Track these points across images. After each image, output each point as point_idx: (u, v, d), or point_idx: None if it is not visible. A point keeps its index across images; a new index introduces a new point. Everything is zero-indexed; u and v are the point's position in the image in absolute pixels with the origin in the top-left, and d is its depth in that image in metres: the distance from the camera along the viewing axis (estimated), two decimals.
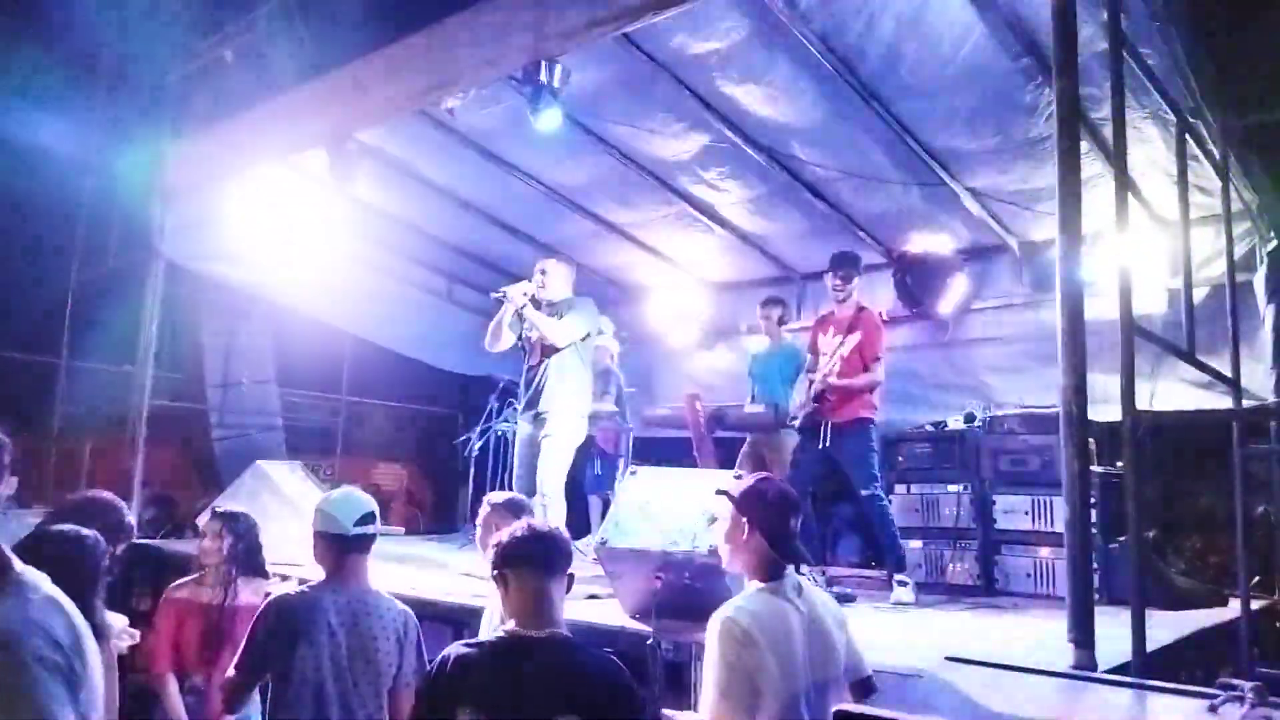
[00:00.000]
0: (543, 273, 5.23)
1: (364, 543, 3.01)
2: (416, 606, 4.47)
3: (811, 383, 5.10)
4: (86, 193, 7.86)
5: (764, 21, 4.63)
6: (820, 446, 5.00)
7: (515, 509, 3.30)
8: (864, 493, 4.92)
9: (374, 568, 3.13)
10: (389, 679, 2.96)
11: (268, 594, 3.26)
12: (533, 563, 2.26)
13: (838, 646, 2.50)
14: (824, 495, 5.54)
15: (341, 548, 2.97)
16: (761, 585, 2.48)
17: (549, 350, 5.15)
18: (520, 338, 5.28)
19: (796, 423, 5.16)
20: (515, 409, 7.70)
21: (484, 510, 3.39)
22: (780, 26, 4.61)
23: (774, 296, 6.46)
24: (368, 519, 3.01)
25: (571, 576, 2.35)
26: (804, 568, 2.88)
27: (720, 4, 4.43)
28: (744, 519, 2.52)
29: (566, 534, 2.43)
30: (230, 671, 2.97)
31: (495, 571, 2.30)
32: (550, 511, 4.82)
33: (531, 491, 4.97)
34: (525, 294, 5.10)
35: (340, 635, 2.89)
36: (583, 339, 5.20)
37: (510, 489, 7.27)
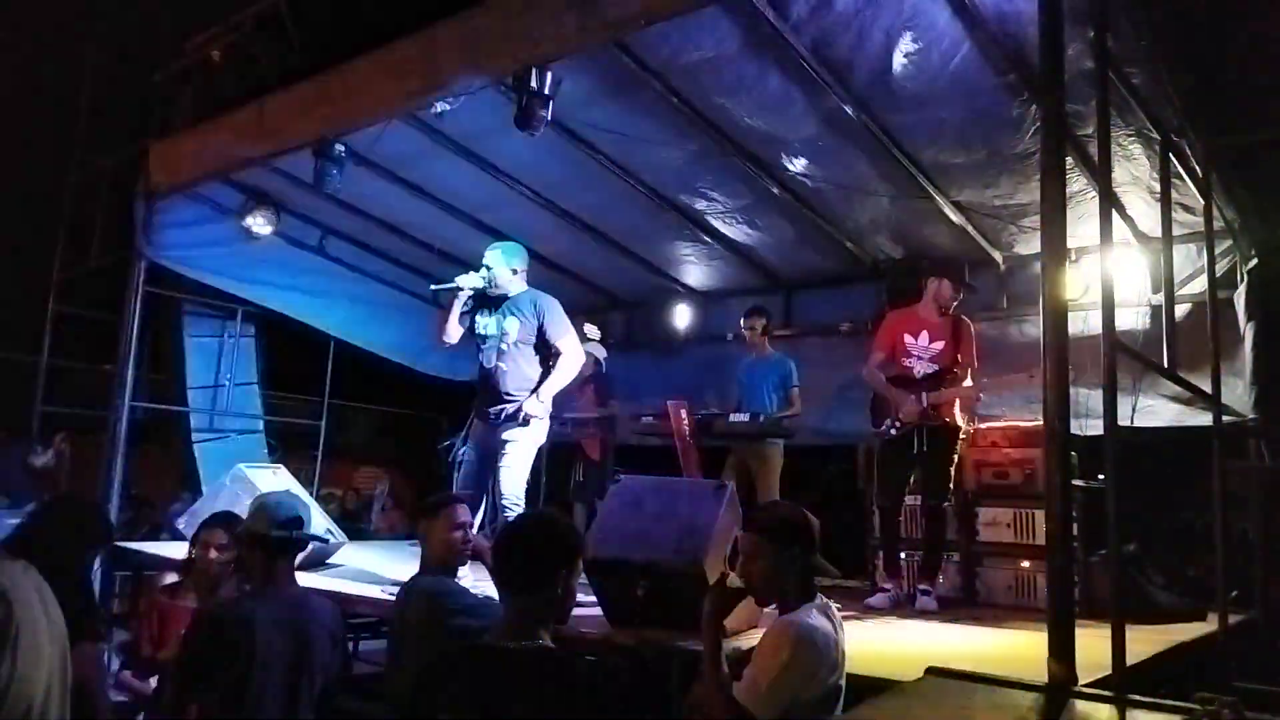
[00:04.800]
0: (488, 267, 4.91)
1: (286, 546, 3.01)
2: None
3: (918, 384, 4.92)
4: (70, 190, 7.79)
5: (755, 32, 4.65)
6: (915, 452, 4.89)
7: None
8: (931, 502, 4.93)
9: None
10: (324, 677, 3.01)
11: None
12: (520, 575, 2.24)
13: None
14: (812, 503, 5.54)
15: (265, 550, 2.97)
16: (810, 605, 2.54)
17: (507, 349, 4.86)
18: (473, 332, 4.98)
19: (894, 432, 4.96)
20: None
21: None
22: (771, 37, 4.63)
23: (758, 306, 6.46)
24: (292, 524, 3.00)
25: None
26: None
27: (711, 13, 4.44)
28: (788, 551, 2.56)
29: (572, 537, 2.34)
30: (166, 683, 3.00)
31: (494, 561, 2.29)
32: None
33: (480, 493, 4.82)
34: (474, 286, 4.86)
35: (277, 643, 2.89)
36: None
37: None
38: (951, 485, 4.99)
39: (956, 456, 5.00)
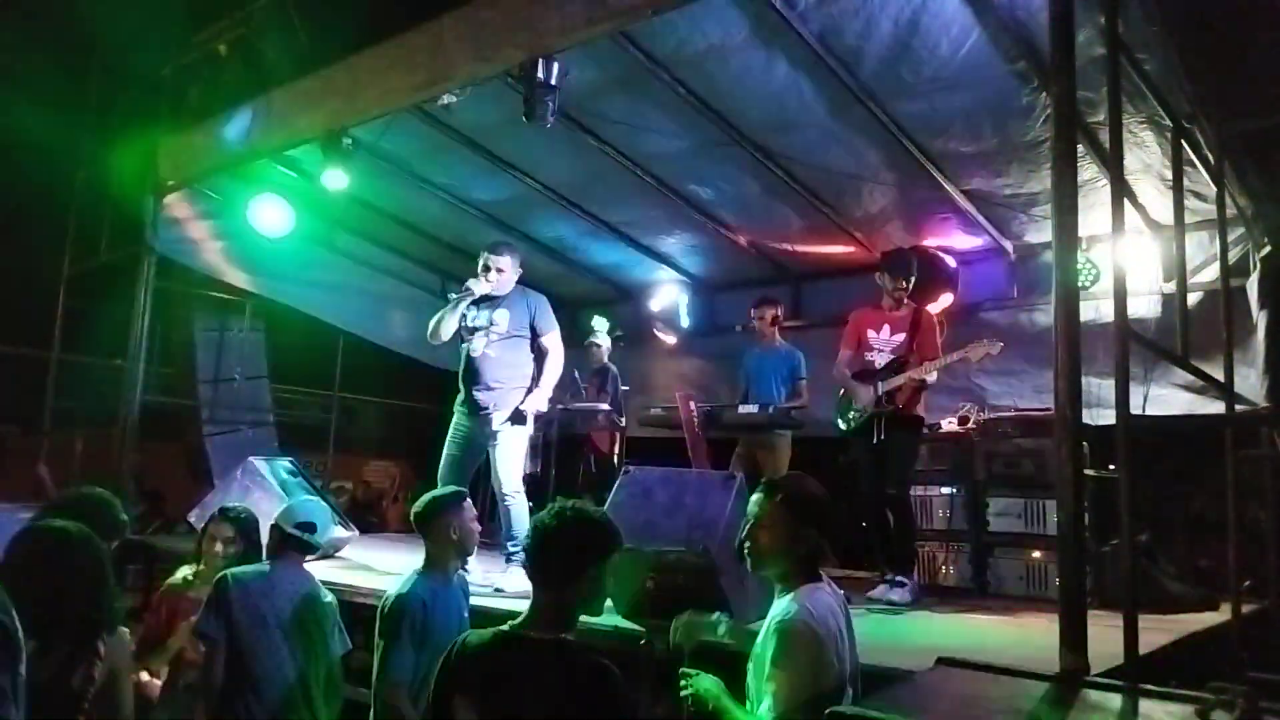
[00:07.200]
0: (499, 271, 4.88)
1: (296, 543, 3.49)
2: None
3: (876, 375, 4.98)
4: (79, 186, 7.81)
5: (762, 21, 4.63)
6: (875, 441, 4.92)
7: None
8: (892, 491, 4.94)
9: None
10: (334, 654, 3.46)
11: None
12: (545, 570, 2.25)
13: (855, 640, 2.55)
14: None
15: (282, 540, 3.51)
16: (811, 585, 2.47)
17: (495, 341, 4.87)
18: (461, 327, 4.98)
19: (851, 425, 5.03)
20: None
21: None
22: (779, 26, 4.61)
23: (767, 296, 6.42)
24: (305, 528, 3.50)
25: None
26: None
27: (719, 3, 4.43)
28: (797, 520, 2.48)
29: (606, 533, 2.31)
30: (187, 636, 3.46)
31: (527, 554, 2.29)
32: (515, 510, 4.75)
33: (463, 484, 4.67)
34: (483, 291, 4.87)
35: (291, 607, 3.34)
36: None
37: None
38: (911, 475, 5.06)
39: (915, 447, 5.08)
